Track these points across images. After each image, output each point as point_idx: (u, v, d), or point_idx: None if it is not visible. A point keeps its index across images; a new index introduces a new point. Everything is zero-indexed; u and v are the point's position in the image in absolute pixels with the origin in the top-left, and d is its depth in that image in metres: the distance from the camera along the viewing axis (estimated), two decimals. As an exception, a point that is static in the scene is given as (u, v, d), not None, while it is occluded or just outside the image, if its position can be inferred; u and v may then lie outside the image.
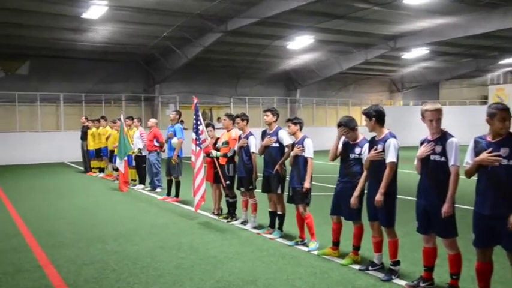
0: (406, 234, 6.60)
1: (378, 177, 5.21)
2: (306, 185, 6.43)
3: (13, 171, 17.64)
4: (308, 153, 6.51)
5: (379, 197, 5.13)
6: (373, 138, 5.45)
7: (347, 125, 5.77)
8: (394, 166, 5.18)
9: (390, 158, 5.15)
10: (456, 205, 4.61)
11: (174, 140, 10.50)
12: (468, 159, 4.32)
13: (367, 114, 5.34)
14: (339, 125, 5.83)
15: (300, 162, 6.53)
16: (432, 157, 4.62)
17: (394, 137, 5.26)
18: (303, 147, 6.53)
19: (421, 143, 4.79)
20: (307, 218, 6.57)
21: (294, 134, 6.72)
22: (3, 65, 22.25)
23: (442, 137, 4.60)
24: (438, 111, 4.59)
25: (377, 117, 5.30)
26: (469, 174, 4.34)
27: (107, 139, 14.69)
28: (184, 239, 7.13)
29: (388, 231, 5.32)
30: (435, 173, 4.60)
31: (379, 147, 5.25)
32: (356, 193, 5.59)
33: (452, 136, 4.60)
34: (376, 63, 28.75)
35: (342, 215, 5.95)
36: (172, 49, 21.93)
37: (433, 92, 36.55)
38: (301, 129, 6.73)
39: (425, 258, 4.92)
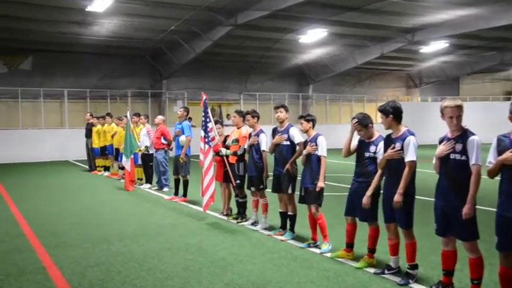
0: (424, 237, 6.55)
1: (396, 177, 5.18)
2: (320, 184, 6.41)
3: (16, 170, 17.82)
4: (321, 151, 6.50)
5: (398, 197, 5.10)
6: (389, 136, 5.41)
7: (360, 122, 5.75)
8: (414, 165, 5.15)
9: (410, 156, 5.12)
10: (477, 206, 4.56)
11: (182, 138, 10.53)
12: (491, 159, 4.27)
13: (383, 111, 5.32)
14: (353, 119, 5.82)
15: (313, 161, 6.51)
16: (452, 156, 4.57)
17: (413, 134, 5.23)
18: (316, 145, 6.51)
19: (440, 141, 4.75)
20: (320, 218, 6.56)
21: (306, 131, 6.70)
22: (5, 60, 22.49)
23: (462, 135, 4.55)
24: (458, 108, 4.55)
25: (394, 114, 5.28)
26: (491, 174, 4.30)
27: (112, 136, 14.77)
28: (192, 240, 7.15)
29: (406, 233, 5.29)
30: (455, 172, 4.56)
31: (398, 145, 5.22)
32: (369, 192, 5.57)
33: (473, 134, 4.55)
34: (393, 58, 28.57)
35: (357, 215, 5.93)
36: (180, 43, 21.98)
37: (452, 87, 36.25)
38: (313, 126, 6.72)
39: (444, 262, 4.88)
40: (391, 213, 5.31)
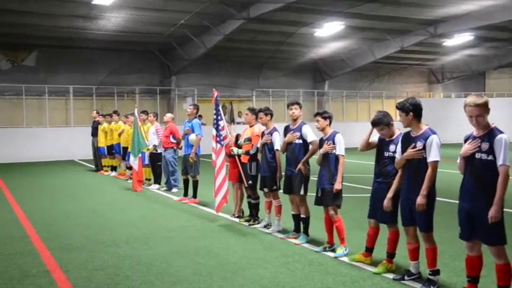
0: (447, 241, 6.49)
1: (416, 178, 5.14)
2: (337, 186, 6.39)
3: (19, 170, 18.02)
4: (339, 150, 6.47)
5: (421, 199, 5.05)
6: (407, 135, 5.36)
7: (381, 122, 5.73)
8: (437, 166, 5.10)
9: (433, 156, 5.07)
10: (505, 209, 4.50)
11: (192, 137, 10.56)
12: None
13: (403, 108, 5.27)
14: (373, 125, 5.80)
15: (331, 161, 6.49)
16: (478, 155, 4.52)
17: (435, 133, 5.19)
18: (333, 144, 6.48)
19: (465, 140, 4.70)
20: (338, 221, 6.53)
21: (323, 129, 6.67)
22: (8, 55, 22.71)
23: (489, 133, 4.49)
24: (478, 107, 4.43)
25: (415, 111, 5.24)
26: None
27: (119, 135, 14.86)
28: (202, 243, 7.17)
29: (426, 237, 5.25)
30: (481, 173, 4.50)
31: (419, 144, 5.17)
32: (389, 194, 5.54)
33: (501, 132, 4.47)
34: (414, 52, 28.33)
35: (377, 217, 5.89)
36: (190, 38, 22.04)
37: (478, 82, 35.87)
38: (330, 124, 6.69)
39: (468, 268, 4.82)
40: (410, 216, 5.28)
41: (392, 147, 5.71)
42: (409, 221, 5.32)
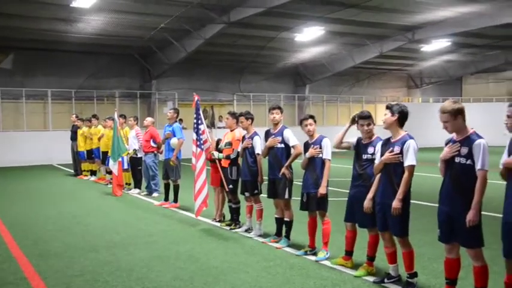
0: (426, 244, 6.58)
1: (392, 182, 5.21)
2: (322, 190, 6.41)
3: (-3, 174, 17.71)
4: (326, 154, 6.50)
5: (397, 203, 5.11)
6: (387, 140, 5.44)
7: (370, 116, 5.85)
8: (413, 170, 5.17)
9: (410, 160, 5.14)
10: (483, 212, 4.58)
11: (174, 141, 10.52)
12: (503, 160, 4.31)
13: (392, 108, 5.32)
14: (361, 118, 5.87)
15: (316, 165, 6.51)
16: (457, 159, 4.59)
17: (413, 138, 5.26)
18: (320, 148, 6.52)
19: (446, 143, 4.77)
20: (326, 224, 6.56)
21: (313, 133, 6.64)
22: (-16, 58, 22.32)
23: (468, 138, 4.56)
24: (446, 114, 4.54)
25: (401, 116, 5.30)
26: (502, 176, 4.34)
27: (99, 139, 14.72)
28: (183, 248, 7.14)
29: (402, 242, 5.31)
30: (460, 177, 4.57)
31: (396, 149, 5.24)
32: (370, 195, 5.57)
33: (480, 137, 4.55)
34: (393, 57, 28.73)
35: (356, 221, 5.94)
36: (170, 42, 21.99)
37: (455, 87, 36.46)
38: None
39: (447, 270, 4.89)
40: (384, 220, 5.33)
41: (370, 150, 5.77)
42: (384, 225, 5.38)
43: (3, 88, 21.95)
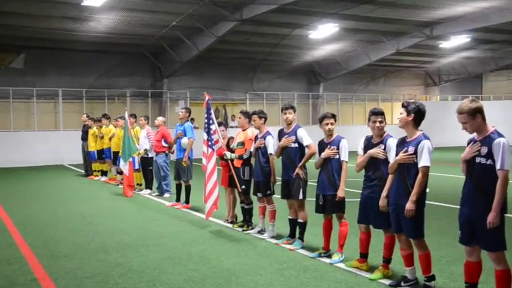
0: (445, 246, 6.52)
1: (405, 183, 5.17)
2: (340, 193, 6.38)
3: (6, 175, 17.91)
4: (344, 156, 6.47)
5: (410, 205, 5.07)
6: (403, 140, 5.39)
7: (383, 112, 5.86)
8: (428, 171, 5.12)
9: (424, 161, 5.09)
10: (506, 214, 4.51)
11: (184, 140, 10.56)
12: None
13: (408, 107, 5.25)
14: (374, 113, 5.86)
15: (333, 166, 6.48)
16: (477, 159, 4.53)
17: (428, 138, 5.21)
18: (337, 149, 6.48)
19: (468, 143, 4.71)
20: (344, 225, 6.53)
21: (332, 133, 6.61)
22: (-4, 57, 22.59)
23: (488, 137, 4.50)
24: (463, 115, 4.49)
25: (417, 115, 5.24)
26: None
27: (110, 139, 14.81)
28: (195, 250, 7.16)
29: (417, 243, 5.26)
30: (480, 177, 4.52)
31: (411, 149, 5.19)
32: (384, 193, 5.54)
33: (500, 136, 4.49)
34: (410, 54, 28.50)
35: (371, 223, 5.90)
36: (182, 40, 22.05)
37: (475, 85, 36.08)
38: None
39: (467, 274, 4.83)
40: (399, 222, 5.29)
41: (381, 147, 5.74)
42: (399, 227, 5.34)
43: (15, 88, 22.16)
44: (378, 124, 5.81)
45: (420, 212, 5.19)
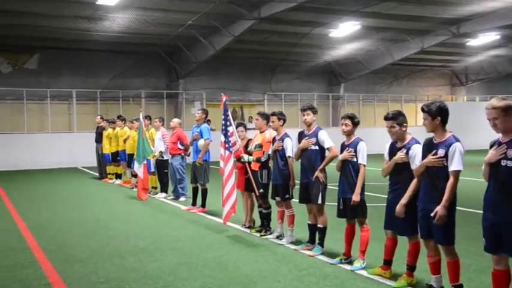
0: (472, 254, 6.45)
1: (435, 187, 5.10)
2: (355, 197, 6.36)
3: (20, 177, 18.18)
4: (361, 159, 6.45)
5: (442, 211, 4.99)
6: (430, 141, 5.30)
7: (394, 118, 5.76)
8: (459, 175, 5.06)
9: (456, 165, 5.02)
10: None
11: (201, 142, 10.61)
12: None
13: (430, 111, 5.16)
14: (385, 119, 5.81)
15: (351, 169, 6.48)
16: (503, 162, 4.47)
17: (459, 140, 5.13)
18: (354, 151, 6.47)
19: (491, 145, 4.65)
20: (365, 230, 6.51)
21: (349, 134, 6.62)
22: (9, 58, 22.94)
23: None
24: (496, 110, 4.41)
25: (442, 115, 5.17)
26: None
27: (125, 141, 14.94)
28: (212, 255, 7.18)
29: (447, 250, 5.19)
30: (507, 181, 4.45)
31: (441, 151, 5.11)
32: (403, 200, 5.51)
33: None
34: (435, 53, 28.25)
35: (395, 229, 5.86)
36: (198, 39, 22.16)
37: (504, 85, 35.48)
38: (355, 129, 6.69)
39: (495, 283, 4.76)
40: (428, 228, 5.23)
41: (403, 151, 5.70)
42: (428, 233, 5.27)
43: (28, 89, 22.47)
44: (388, 129, 5.79)
45: (451, 217, 5.12)
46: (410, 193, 5.49)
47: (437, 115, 5.16)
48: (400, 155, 5.68)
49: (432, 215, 5.03)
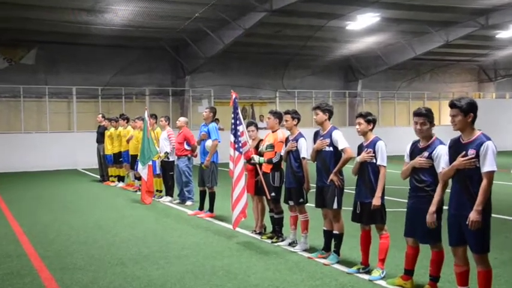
0: (503, 264, 6.40)
1: (468, 191, 5.03)
2: (375, 201, 6.34)
3: (17, 180, 18.30)
4: (381, 160, 6.43)
5: (476, 216, 4.91)
6: (456, 141, 5.24)
7: (424, 114, 5.72)
8: (493, 176, 5.00)
9: (489, 166, 4.95)
10: None
11: (208, 143, 10.62)
12: None
13: (462, 107, 5.06)
14: (414, 114, 5.78)
15: (370, 171, 6.46)
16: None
17: (490, 139, 5.06)
18: (373, 152, 6.45)
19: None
20: (384, 238, 6.48)
21: (364, 134, 6.61)
22: (5, 53, 23.01)
23: None
24: None
25: (474, 112, 5.09)
26: None
27: (128, 141, 14.98)
28: (220, 263, 7.19)
29: (480, 259, 5.11)
30: None
31: (471, 152, 5.04)
32: (432, 208, 5.45)
33: None
34: (461, 46, 28.05)
35: (417, 236, 5.82)
36: (206, 33, 22.20)
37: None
38: (373, 128, 6.64)
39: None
40: (459, 234, 5.16)
41: (425, 155, 5.66)
42: (459, 240, 5.19)
43: (26, 86, 22.61)
44: (418, 126, 5.74)
45: (486, 223, 5.04)
46: (439, 198, 5.43)
47: (470, 111, 5.08)
48: (419, 160, 5.61)
49: (468, 223, 4.96)
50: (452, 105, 5.14)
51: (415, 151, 5.82)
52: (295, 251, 7.75)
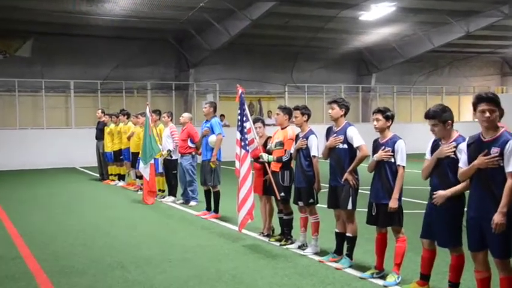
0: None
1: (491, 192, 4.99)
2: (392, 203, 6.31)
3: (11, 178, 18.38)
4: (401, 160, 6.40)
5: (500, 218, 4.87)
6: (477, 139, 5.18)
7: (436, 115, 5.63)
8: None
9: None
10: None
11: (212, 138, 10.62)
12: None
13: (495, 98, 4.98)
14: (426, 117, 5.72)
15: (388, 171, 6.44)
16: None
17: None
18: (392, 151, 6.44)
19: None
20: (401, 241, 6.47)
21: (382, 131, 6.59)
22: (-1, 45, 23.13)
23: None
24: None
25: (501, 107, 5.03)
26: None
27: (129, 138, 15.01)
28: (225, 267, 7.20)
29: (503, 265, 5.08)
30: None
31: (495, 150, 5.00)
32: (448, 193, 5.45)
33: None
34: (482, 37, 27.89)
35: (435, 239, 5.80)
36: (211, 23, 22.19)
37: None
38: (390, 125, 6.63)
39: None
40: (481, 238, 5.13)
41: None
42: (479, 244, 5.16)
43: (21, 79, 22.66)
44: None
45: (510, 226, 4.99)
46: (455, 189, 5.42)
47: (499, 106, 5.03)
48: (445, 148, 5.51)
49: (492, 225, 4.92)
50: (480, 98, 5.02)
51: (437, 148, 5.73)
52: (305, 254, 7.75)
